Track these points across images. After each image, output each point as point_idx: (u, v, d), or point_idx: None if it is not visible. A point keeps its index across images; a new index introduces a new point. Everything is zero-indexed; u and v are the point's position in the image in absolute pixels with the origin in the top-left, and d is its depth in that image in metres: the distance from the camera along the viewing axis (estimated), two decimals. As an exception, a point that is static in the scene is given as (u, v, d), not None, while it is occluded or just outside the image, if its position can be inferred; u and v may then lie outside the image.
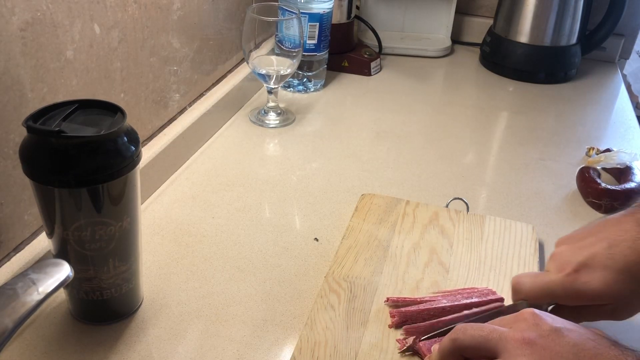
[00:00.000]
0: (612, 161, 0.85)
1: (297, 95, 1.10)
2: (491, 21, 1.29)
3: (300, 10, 0.99)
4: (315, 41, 1.06)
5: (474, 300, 0.60)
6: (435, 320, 0.58)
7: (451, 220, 0.73)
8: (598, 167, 0.85)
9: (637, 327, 0.62)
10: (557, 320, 0.47)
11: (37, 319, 0.58)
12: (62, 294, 0.59)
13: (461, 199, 0.76)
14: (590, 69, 1.28)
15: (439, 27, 1.35)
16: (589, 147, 0.95)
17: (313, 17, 1.03)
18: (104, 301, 0.56)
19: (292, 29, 0.95)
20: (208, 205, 0.77)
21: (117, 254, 0.54)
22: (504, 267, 0.67)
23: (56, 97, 0.60)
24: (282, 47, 0.98)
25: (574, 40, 1.21)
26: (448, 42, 1.33)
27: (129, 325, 0.59)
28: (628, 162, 0.85)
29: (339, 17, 1.14)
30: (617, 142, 1.00)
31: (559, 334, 0.45)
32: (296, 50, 0.96)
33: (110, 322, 0.59)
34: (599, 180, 0.82)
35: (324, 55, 1.09)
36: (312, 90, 1.11)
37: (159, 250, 0.69)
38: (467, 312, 0.59)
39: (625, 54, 1.34)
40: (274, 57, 0.99)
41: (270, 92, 0.98)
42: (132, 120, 0.74)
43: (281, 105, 1.02)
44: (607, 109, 1.15)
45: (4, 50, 0.53)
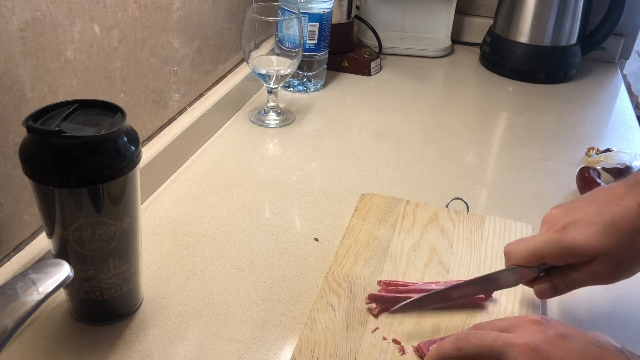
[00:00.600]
0: (612, 161, 0.85)
1: (297, 95, 1.10)
2: (491, 21, 1.29)
3: (300, 10, 0.99)
4: (315, 41, 1.06)
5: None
6: (403, 291, 0.59)
7: (451, 220, 0.73)
8: (598, 167, 0.85)
9: (637, 328, 0.63)
10: (562, 327, 0.47)
11: (37, 319, 0.58)
12: (62, 294, 0.59)
13: (461, 199, 0.76)
14: (590, 69, 1.28)
15: (438, 27, 1.36)
16: (589, 147, 0.95)
17: (313, 17, 1.03)
18: (104, 301, 0.56)
19: (292, 29, 0.95)
20: (208, 205, 0.77)
21: (117, 254, 0.54)
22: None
23: (56, 97, 0.60)
24: (282, 47, 0.98)
25: (574, 40, 1.21)
26: (448, 42, 1.33)
27: (129, 325, 0.59)
28: (628, 162, 0.85)
29: (339, 17, 1.14)
30: (617, 142, 1.00)
31: (564, 339, 0.45)
32: (296, 50, 0.96)
33: (110, 322, 0.59)
34: (599, 180, 0.82)
35: (324, 55, 1.09)
36: (312, 90, 1.11)
37: (159, 250, 0.69)
38: (449, 283, 0.59)
39: (625, 54, 1.34)
40: (274, 57, 0.99)
41: (270, 92, 0.98)
42: (132, 120, 0.74)
43: (281, 105, 1.02)
44: (607, 109, 1.15)
45: (4, 50, 0.53)
